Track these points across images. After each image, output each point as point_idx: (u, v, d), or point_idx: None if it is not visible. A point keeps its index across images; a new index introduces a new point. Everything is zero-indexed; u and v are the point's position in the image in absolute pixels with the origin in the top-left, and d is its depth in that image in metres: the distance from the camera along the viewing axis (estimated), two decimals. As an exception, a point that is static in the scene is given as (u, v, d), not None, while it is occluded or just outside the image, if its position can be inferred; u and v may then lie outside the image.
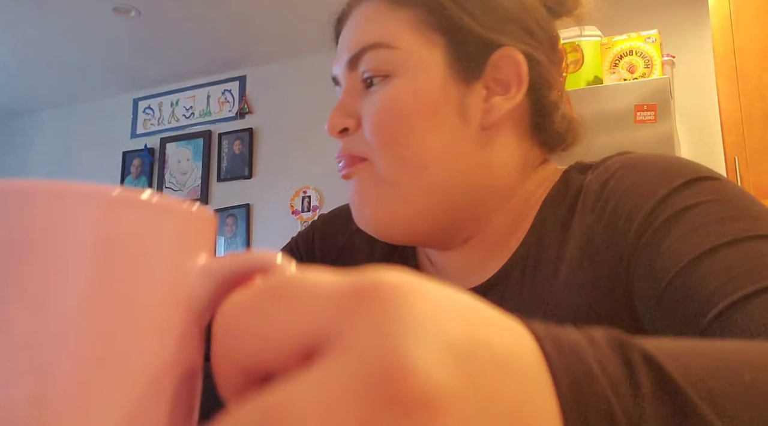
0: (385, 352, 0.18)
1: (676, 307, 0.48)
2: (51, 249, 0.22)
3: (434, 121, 0.60)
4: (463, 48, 0.61)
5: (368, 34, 0.62)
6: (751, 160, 2.43)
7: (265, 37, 3.68)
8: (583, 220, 0.59)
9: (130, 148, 4.27)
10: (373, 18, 0.63)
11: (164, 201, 0.25)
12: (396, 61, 0.61)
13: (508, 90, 0.62)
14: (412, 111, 0.60)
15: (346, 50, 0.64)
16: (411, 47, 0.61)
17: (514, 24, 0.63)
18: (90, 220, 0.23)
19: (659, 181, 0.55)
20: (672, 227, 0.51)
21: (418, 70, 0.61)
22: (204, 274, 0.25)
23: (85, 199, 0.23)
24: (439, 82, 0.61)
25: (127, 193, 0.24)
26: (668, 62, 2.68)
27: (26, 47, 3.75)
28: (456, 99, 0.61)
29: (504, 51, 0.62)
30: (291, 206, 3.73)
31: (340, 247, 0.76)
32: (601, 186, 0.59)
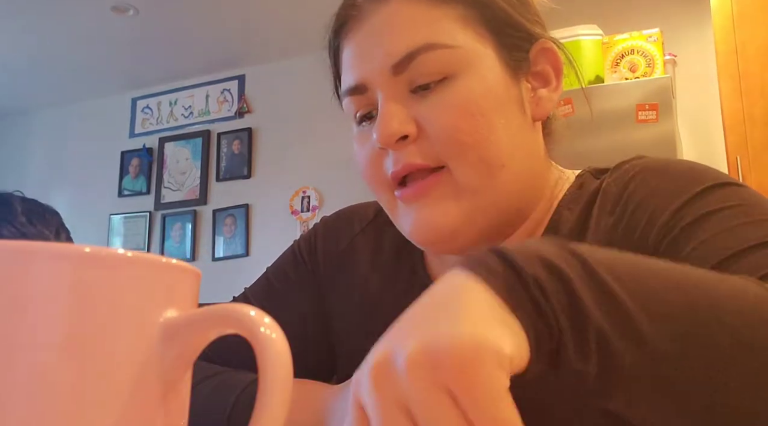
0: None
1: None
2: (20, 303, 0.23)
3: (506, 119, 0.58)
4: (510, 42, 0.60)
5: (416, 35, 0.57)
6: (753, 160, 2.42)
7: (265, 37, 3.66)
8: (601, 222, 0.59)
9: (129, 148, 4.25)
10: (413, 18, 0.58)
11: (132, 259, 0.23)
12: (456, 60, 0.57)
13: (549, 81, 0.63)
14: (487, 110, 0.57)
15: (385, 53, 0.58)
16: (467, 44, 0.58)
17: (539, 15, 0.64)
18: (56, 279, 0.23)
19: (681, 187, 0.55)
20: (693, 233, 0.51)
21: (483, 67, 0.58)
22: (167, 329, 0.24)
23: (53, 259, 0.23)
24: (501, 78, 0.59)
25: (94, 252, 0.24)
26: (670, 61, 2.66)
27: (24, 46, 3.74)
28: (515, 93, 0.60)
29: (541, 44, 0.62)
30: (290, 206, 3.72)
31: (342, 250, 0.74)
32: (621, 189, 0.59)
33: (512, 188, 0.59)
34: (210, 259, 3.77)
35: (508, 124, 0.58)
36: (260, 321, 0.24)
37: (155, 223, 4.07)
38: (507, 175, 0.58)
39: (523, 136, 0.60)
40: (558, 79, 0.63)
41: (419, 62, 0.57)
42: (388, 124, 0.57)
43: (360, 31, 0.61)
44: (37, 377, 0.22)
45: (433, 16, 0.58)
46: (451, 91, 0.57)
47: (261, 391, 0.24)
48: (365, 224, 0.76)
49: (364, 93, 0.61)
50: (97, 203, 4.25)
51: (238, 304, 0.24)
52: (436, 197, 0.58)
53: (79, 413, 0.23)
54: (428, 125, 0.57)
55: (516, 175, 0.59)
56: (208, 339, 0.25)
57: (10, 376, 0.22)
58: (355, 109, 0.63)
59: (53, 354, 0.23)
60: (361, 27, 0.61)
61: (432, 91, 0.57)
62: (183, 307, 0.25)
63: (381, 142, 0.58)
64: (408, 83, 0.58)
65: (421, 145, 0.57)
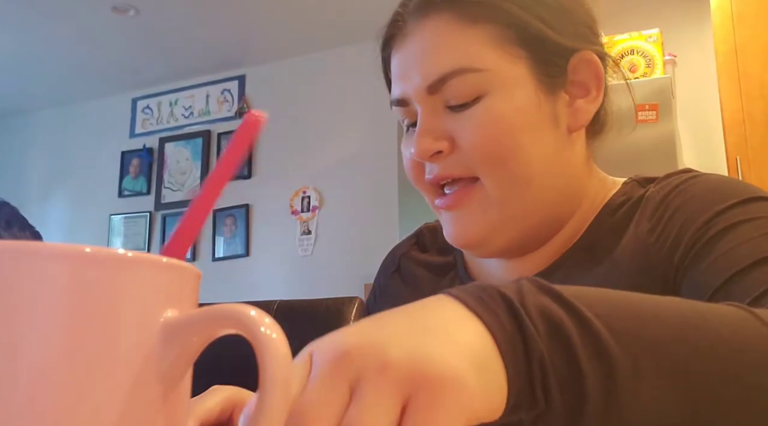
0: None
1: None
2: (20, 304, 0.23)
3: (536, 135, 0.61)
4: (544, 58, 0.62)
5: (448, 59, 0.61)
6: (753, 160, 2.42)
7: (265, 37, 3.66)
8: (639, 227, 0.61)
9: (129, 148, 4.25)
10: (447, 40, 0.62)
11: (132, 259, 0.23)
12: (485, 82, 0.60)
13: (588, 91, 0.65)
14: (517, 128, 0.60)
15: (420, 75, 0.62)
16: (497, 66, 0.61)
17: (582, 25, 0.65)
18: (56, 279, 0.23)
19: (715, 198, 0.58)
20: (720, 240, 0.54)
21: (512, 87, 0.61)
22: (167, 329, 0.24)
23: (53, 259, 0.23)
24: (533, 96, 0.61)
25: (94, 252, 0.24)
26: (670, 61, 2.66)
27: (24, 46, 3.74)
28: (548, 109, 0.62)
29: (581, 55, 0.63)
30: (290, 206, 3.71)
31: (393, 272, 0.81)
32: (662, 198, 0.61)
33: (542, 200, 0.63)
34: (210, 259, 3.77)
35: (537, 141, 0.61)
36: (260, 321, 0.24)
37: (155, 223, 4.07)
38: (535, 189, 0.62)
39: (554, 150, 0.63)
40: (598, 89, 0.64)
41: (451, 85, 0.60)
42: (422, 142, 0.62)
43: (403, 47, 0.65)
44: (37, 377, 0.22)
45: (466, 38, 0.61)
46: (481, 109, 0.60)
47: (261, 391, 0.24)
48: (411, 245, 0.82)
49: (407, 106, 0.65)
50: (97, 203, 4.25)
51: (238, 304, 0.24)
52: (467, 208, 0.63)
53: (79, 413, 0.23)
54: (461, 141, 0.61)
55: (546, 187, 0.62)
56: (208, 339, 0.25)
57: (11, 376, 0.22)
58: (402, 117, 0.67)
59: (53, 354, 0.23)
60: (404, 43, 0.65)
61: (465, 109, 0.61)
62: (183, 307, 0.25)
63: (417, 157, 0.63)
64: (444, 101, 0.62)
65: (454, 158, 0.62)
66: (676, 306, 0.37)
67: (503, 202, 0.61)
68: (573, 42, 0.63)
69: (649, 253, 0.59)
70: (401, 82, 0.65)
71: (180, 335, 0.24)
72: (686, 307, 0.37)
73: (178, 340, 0.24)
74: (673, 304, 0.37)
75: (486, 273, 0.71)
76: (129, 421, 0.24)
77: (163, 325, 0.24)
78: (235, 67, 4.01)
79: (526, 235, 0.64)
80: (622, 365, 0.32)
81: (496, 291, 0.33)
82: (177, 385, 0.25)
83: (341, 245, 3.45)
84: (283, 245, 3.68)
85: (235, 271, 3.74)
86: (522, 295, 0.33)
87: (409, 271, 0.79)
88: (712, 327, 0.36)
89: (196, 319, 0.24)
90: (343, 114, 3.65)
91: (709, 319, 0.36)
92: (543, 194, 0.62)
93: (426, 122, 0.62)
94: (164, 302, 0.24)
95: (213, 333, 0.25)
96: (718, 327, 0.36)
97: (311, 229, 3.64)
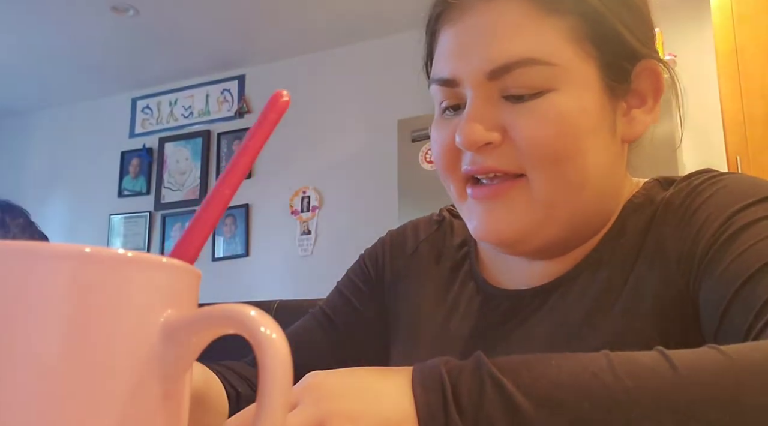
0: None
1: (739, 315, 0.49)
2: (20, 304, 0.23)
3: (597, 140, 0.58)
4: (614, 61, 0.58)
5: (518, 45, 0.56)
6: (753, 160, 2.42)
7: (265, 37, 3.66)
8: (660, 230, 0.60)
9: (129, 148, 4.25)
10: (520, 24, 0.56)
11: (132, 259, 0.23)
12: (554, 77, 0.56)
13: (645, 101, 0.62)
14: (581, 130, 0.56)
15: (483, 57, 0.57)
16: (569, 62, 0.56)
17: (651, 30, 0.62)
18: (56, 279, 0.23)
19: (735, 198, 0.56)
20: (739, 238, 0.52)
21: (581, 87, 0.57)
22: (167, 329, 0.24)
23: (53, 259, 0.23)
24: (599, 99, 0.58)
25: (94, 252, 0.24)
26: (670, 61, 2.65)
27: (24, 46, 3.74)
28: (610, 115, 0.59)
29: (646, 63, 0.60)
30: (290, 206, 3.72)
31: (408, 255, 0.77)
32: (682, 200, 0.60)
33: (588, 206, 0.60)
34: (210, 259, 3.78)
35: (596, 146, 0.58)
36: (260, 321, 0.24)
37: (155, 223, 4.07)
38: (586, 195, 0.59)
39: (608, 158, 0.60)
40: (656, 100, 0.62)
41: (517, 74, 0.56)
42: (473, 131, 0.57)
43: (461, 23, 0.59)
44: (38, 377, 0.22)
45: (540, 26, 0.56)
46: (545, 104, 0.56)
47: (261, 391, 0.24)
48: (431, 232, 0.78)
49: (455, 87, 0.59)
50: (97, 203, 4.25)
51: (238, 304, 0.24)
52: (508, 202, 0.58)
53: (79, 413, 0.23)
54: (515, 133, 0.57)
55: (595, 195, 0.60)
56: (208, 339, 0.25)
57: (11, 376, 0.22)
58: (441, 98, 0.62)
59: (53, 354, 0.23)
60: (463, 19, 0.59)
61: (526, 101, 0.56)
62: (183, 307, 0.25)
63: (464, 146, 0.58)
64: (501, 90, 0.57)
65: (503, 150, 0.57)
66: (588, 363, 0.39)
67: (549, 203, 0.58)
68: (642, 47, 0.60)
69: (668, 255, 0.57)
70: (454, 61, 0.59)
71: (180, 335, 0.24)
72: (598, 363, 0.39)
73: (178, 340, 0.24)
74: (587, 361, 0.40)
75: (497, 271, 0.69)
76: (129, 421, 0.24)
77: (163, 325, 0.24)
78: (235, 67, 4.01)
79: (562, 239, 0.61)
80: (532, 418, 0.37)
81: (438, 373, 0.40)
82: (177, 385, 0.25)
83: (341, 245, 3.45)
84: (282, 245, 3.68)
85: (234, 271, 3.74)
86: (460, 375, 0.39)
87: (426, 260, 0.75)
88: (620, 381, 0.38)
89: (196, 319, 0.24)
90: (343, 114, 3.65)
91: (618, 373, 0.38)
92: (591, 201, 0.59)
93: (478, 109, 0.57)
94: (164, 302, 0.24)
95: (213, 333, 0.25)
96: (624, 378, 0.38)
97: (311, 229, 3.64)
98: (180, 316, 0.24)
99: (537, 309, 0.63)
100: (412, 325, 0.72)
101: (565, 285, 0.62)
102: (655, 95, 0.61)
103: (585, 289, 0.61)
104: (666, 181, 0.65)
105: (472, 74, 0.57)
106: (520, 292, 0.65)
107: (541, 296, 0.63)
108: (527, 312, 0.63)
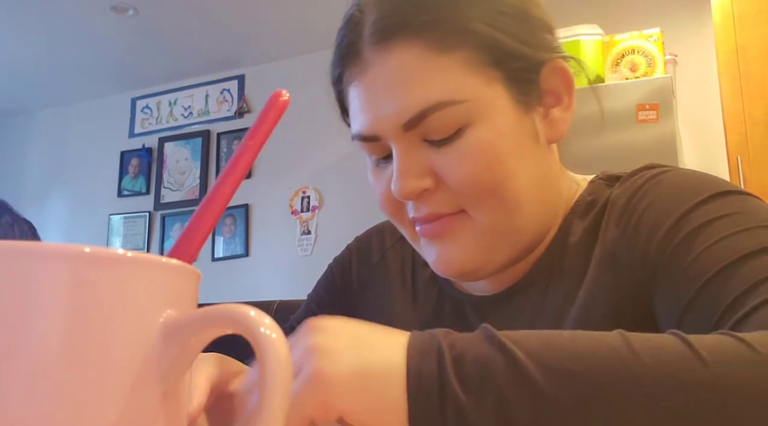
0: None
1: (701, 316, 0.49)
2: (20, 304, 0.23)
3: (521, 157, 0.58)
4: (518, 75, 0.59)
5: (425, 93, 0.55)
6: (754, 160, 2.41)
7: (264, 36, 3.66)
8: (608, 234, 0.60)
9: (128, 148, 4.25)
10: (420, 71, 0.56)
11: (132, 259, 0.23)
12: (467, 112, 0.56)
13: (560, 99, 0.62)
14: (503, 155, 0.57)
15: (393, 111, 0.56)
16: (477, 93, 0.56)
17: (546, 33, 0.62)
18: (56, 279, 0.23)
19: (683, 196, 0.56)
20: (695, 239, 0.52)
21: (494, 112, 0.57)
22: (167, 329, 0.24)
23: (53, 259, 0.23)
24: (513, 117, 0.58)
25: (94, 252, 0.24)
26: (670, 61, 2.66)
27: (24, 46, 3.74)
28: (528, 126, 0.59)
29: (551, 65, 0.61)
30: (290, 206, 3.72)
31: (375, 263, 0.78)
32: (627, 201, 0.60)
33: (532, 220, 0.60)
34: (210, 259, 3.77)
35: (523, 163, 0.58)
36: (260, 321, 0.24)
37: (155, 223, 4.07)
38: (526, 212, 0.59)
39: (538, 167, 0.60)
40: (569, 96, 0.62)
41: (431, 120, 0.56)
42: (406, 182, 0.57)
43: (364, 80, 0.59)
44: (37, 377, 0.22)
45: (439, 68, 0.56)
46: (466, 142, 0.56)
47: (261, 391, 0.24)
48: (396, 239, 0.78)
49: (377, 141, 0.60)
50: (97, 203, 4.25)
51: (238, 304, 0.24)
52: (456, 237, 0.59)
53: (79, 413, 0.23)
54: (446, 176, 0.57)
55: (534, 207, 0.60)
56: (208, 339, 0.25)
57: (10, 376, 0.22)
58: (369, 152, 0.62)
59: (53, 354, 0.22)
60: (365, 76, 0.59)
61: (448, 143, 0.57)
62: (183, 307, 0.25)
63: (400, 197, 0.58)
64: (421, 135, 0.57)
65: (439, 195, 0.58)
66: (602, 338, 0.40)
67: (494, 231, 0.59)
68: (542, 53, 0.60)
69: (620, 259, 0.58)
70: (368, 118, 0.58)
71: (180, 335, 0.24)
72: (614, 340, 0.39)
73: (178, 340, 0.24)
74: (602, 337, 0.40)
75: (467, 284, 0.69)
76: (129, 421, 0.24)
77: (163, 325, 0.24)
78: (235, 67, 4.01)
79: (516, 256, 0.62)
80: (545, 390, 0.36)
81: (437, 343, 0.39)
82: (177, 385, 0.25)
83: (341, 245, 3.44)
84: (282, 245, 3.68)
85: (234, 271, 3.74)
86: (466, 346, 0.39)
87: (393, 269, 0.75)
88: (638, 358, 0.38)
89: (196, 319, 0.24)
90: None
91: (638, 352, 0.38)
92: (534, 214, 0.60)
93: (405, 160, 0.57)
94: (164, 302, 0.24)
95: (213, 333, 0.25)
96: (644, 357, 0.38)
97: (311, 229, 3.64)
98: (179, 316, 0.24)
99: (501, 313, 0.65)
100: None
101: (522, 291, 0.64)
102: (568, 91, 0.62)
103: (542, 294, 0.63)
104: (611, 178, 0.65)
105: (388, 129, 0.57)
106: (483, 298, 0.67)
107: (503, 301, 0.65)
108: (493, 317, 0.65)
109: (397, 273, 0.75)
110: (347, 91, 0.63)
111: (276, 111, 0.32)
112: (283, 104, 0.31)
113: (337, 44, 0.63)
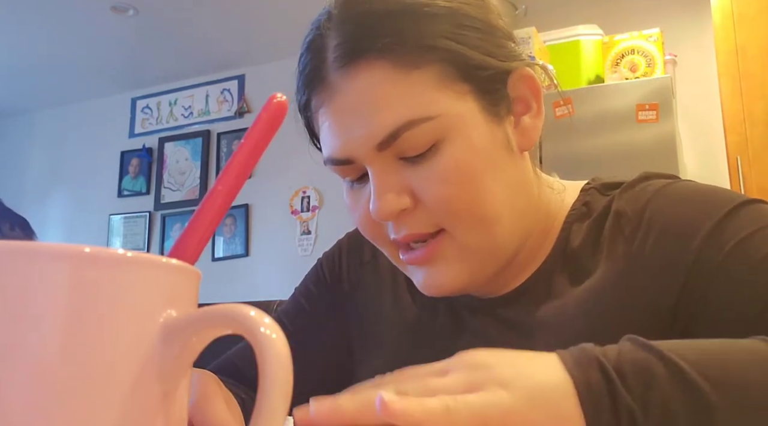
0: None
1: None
2: (20, 304, 0.23)
3: (497, 170, 0.58)
4: (487, 87, 0.58)
5: (395, 112, 0.55)
6: (754, 160, 2.42)
7: (265, 36, 3.66)
8: (618, 248, 0.60)
9: (129, 148, 4.25)
10: (389, 91, 0.55)
11: (132, 259, 0.23)
12: (439, 128, 0.55)
13: (529, 106, 0.62)
14: (478, 171, 0.57)
15: (365, 133, 0.56)
16: (448, 108, 0.56)
17: (509, 41, 0.62)
18: (56, 279, 0.23)
19: (704, 210, 0.57)
20: (741, 257, 0.53)
21: (465, 127, 0.57)
22: (167, 329, 0.24)
23: (53, 259, 0.23)
24: (486, 130, 0.58)
25: (94, 252, 0.24)
26: (670, 61, 2.66)
27: (23, 46, 3.74)
28: (501, 137, 0.59)
29: (517, 73, 0.60)
30: (290, 206, 3.72)
31: (366, 263, 0.77)
32: (637, 214, 0.60)
33: (512, 231, 0.60)
34: (210, 259, 3.77)
35: (499, 175, 0.58)
36: (260, 321, 0.24)
37: (155, 223, 4.07)
38: (505, 224, 0.59)
39: (513, 176, 0.60)
40: (538, 102, 0.62)
41: (404, 139, 0.55)
42: (384, 203, 0.56)
43: (333, 105, 0.58)
44: (37, 377, 0.22)
45: (408, 86, 0.55)
46: (440, 159, 0.56)
47: (261, 391, 0.24)
48: None
49: (351, 164, 0.59)
50: (97, 203, 4.25)
51: (238, 304, 0.24)
52: (441, 258, 0.59)
53: (79, 413, 0.23)
54: (423, 194, 0.57)
55: (513, 218, 0.60)
56: (208, 339, 0.25)
57: (10, 376, 0.22)
58: (343, 175, 0.62)
59: (53, 354, 0.23)
60: (333, 100, 0.58)
61: (423, 160, 0.56)
62: (183, 307, 0.25)
63: (379, 218, 0.57)
64: (396, 154, 0.57)
65: (418, 215, 0.58)
66: (750, 345, 0.42)
67: (477, 247, 0.59)
68: (507, 62, 0.60)
69: (638, 271, 0.58)
70: (340, 142, 0.58)
71: (180, 335, 0.24)
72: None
73: (178, 340, 0.24)
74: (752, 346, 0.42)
75: None
76: (129, 421, 0.24)
77: (163, 325, 0.24)
78: (235, 67, 4.01)
79: (504, 265, 0.62)
80: (713, 402, 0.37)
81: (591, 355, 0.39)
82: (177, 385, 0.25)
83: (341, 245, 3.45)
84: (282, 245, 3.68)
85: (234, 271, 3.74)
86: (619, 356, 0.39)
87: (384, 269, 0.75)
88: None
89: (196, 319, 0.24)
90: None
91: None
92: (512, 224, 0.60)
93: (383, 181, 0.57)
94: (164, 302, 0.24)
95: (213, 333, 0.25)
96: None
97: (311, 229, 3.64)
98: (180, 316, 0.24)
99: (501, 317, 0.65)
100: (376, 334, 0.73)
101: (524, 295, 0.64)
102: (536, 97, 0.62)
103: (542, 301, 0.62)
104: (605, 186, 0.65)
105: (361, 151, 0.57)
106: (482, 300, 0.66)
107: (503, 305, 0.65)
108: (492, 320, 0.65)
109: (388, 272, 0.74)
110: (316, 118, 0.62)
111: (269, 113, 0.32)
112: (277, 106, 0.31)
113: (300, 70, 0.62)
